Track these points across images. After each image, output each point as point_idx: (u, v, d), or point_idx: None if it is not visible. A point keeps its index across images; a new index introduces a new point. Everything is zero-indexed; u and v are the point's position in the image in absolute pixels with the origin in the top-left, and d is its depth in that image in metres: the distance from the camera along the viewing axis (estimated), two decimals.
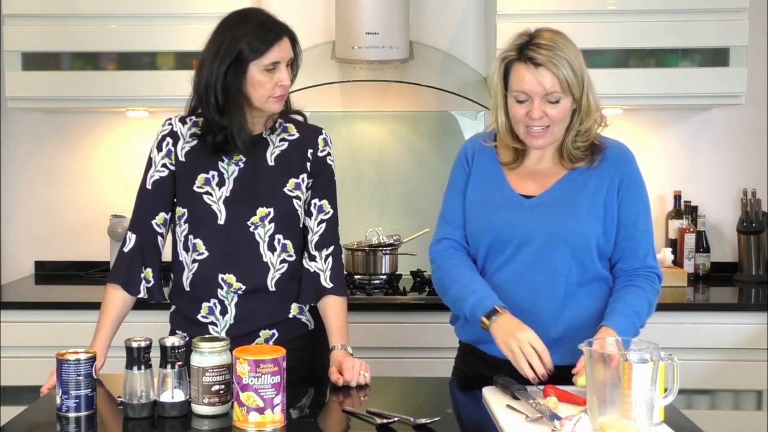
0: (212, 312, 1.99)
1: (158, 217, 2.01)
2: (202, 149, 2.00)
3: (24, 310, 2.93)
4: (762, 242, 3.36)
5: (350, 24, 3.11)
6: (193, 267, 1.99)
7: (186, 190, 1.99)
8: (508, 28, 3.09)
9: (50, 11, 3.12)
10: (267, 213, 1.99)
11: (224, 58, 1.93)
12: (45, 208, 3.52)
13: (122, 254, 2.02)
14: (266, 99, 1.97)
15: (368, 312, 2.89)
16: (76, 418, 1.63)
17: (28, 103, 3.23)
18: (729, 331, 2.89)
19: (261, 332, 2.01)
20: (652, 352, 1.44)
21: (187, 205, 1.99)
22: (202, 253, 1.98)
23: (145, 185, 2.02)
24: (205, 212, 1.98)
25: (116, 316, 1.99)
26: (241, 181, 2.00)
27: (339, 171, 3.50)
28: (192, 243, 1.99)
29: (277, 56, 1.95)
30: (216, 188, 1.98)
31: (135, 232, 2.02)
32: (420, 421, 1.60)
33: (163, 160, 2.01)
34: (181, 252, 2.02)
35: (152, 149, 2.04)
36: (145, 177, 2.03)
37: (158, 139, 2.03)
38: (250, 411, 1.54)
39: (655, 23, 3.10)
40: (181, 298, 2.03)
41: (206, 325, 2.00)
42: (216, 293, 1.98)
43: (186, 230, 2.00)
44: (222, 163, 2.00)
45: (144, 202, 2.03)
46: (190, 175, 2.00)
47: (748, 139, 3.50)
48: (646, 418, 1.43)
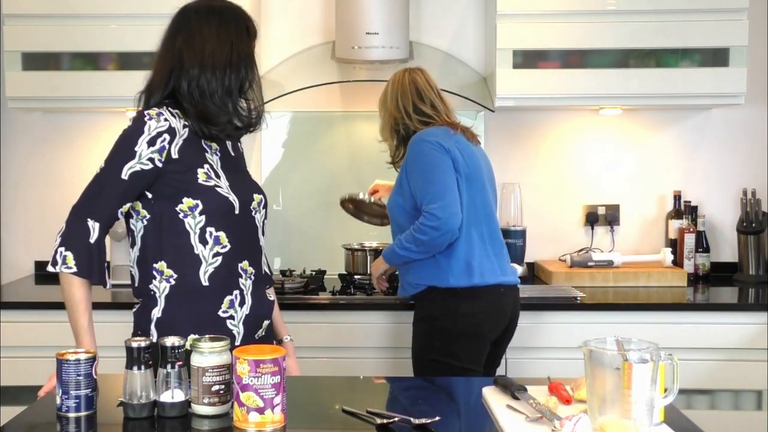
0: (232, 305, 1.97)
1: (124, 207, 1.94)
2: (192, 143, 1.96)
3: (24, 310, 2.93)
4: (762, 242, 3.36)
5: (350, 24, 3.12)
6: (215, 261, 1.94)
7: (189, 183, 1.92)
8: (508, 28, 3.13)
9: (50, 11, 3.12)
10: (261, 200, 2.05)
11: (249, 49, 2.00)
12: (45, 208, 3.53)
13: (89, 245, 1.90)
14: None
15: (368, 312, 2.89)
16: (76, 418, 1.63)
17: (28, 103, 3.24)
18: (729, 331, 2.89)
19: (264, 323, 2.05)
20: (652, 352, 1.44)
21: (198, 197, 1.92)
22: (225, 245, 1.95)
23: (119, 174, 1.90)
24: (223, 204, 1.94)
25: (91, 312, 1.94)
26: (227, 170, 2.00)
27: (339, 171, 3.53)
28: (214, 236, 1.93)
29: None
30: (217, 179, 1.96)
31: (99, 221, 1.91)
32: (420, 421, 1.60)
33: (151, 155, 1.90)
34: (197, 245, 1.93)
35: (138, 142, 1.90)
36: (119, 166, 1.90)
37: (151, 134, 1.90)
38: (250, 411, 1.54)
39: (655, 23, 3.10)
40: (197, 294, 1.94)
41: (225, 320, 1.95)
42: (237, 283, 1.97)
43: (203, 222, 1.92)
44: (207, 155, 1.98)
45: (114, 191, 1.91)
46: (188, 169, 1.93)
47: (748, 139, 3.50)
48: (646, 418, 1.43)
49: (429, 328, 2.55)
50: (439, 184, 2.49)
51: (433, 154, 2.51)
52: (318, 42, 3.41)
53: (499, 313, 2.56)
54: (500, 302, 2.56)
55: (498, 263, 2.57)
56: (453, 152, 2.52)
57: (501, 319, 2.57)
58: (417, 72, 2.69)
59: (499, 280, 2.55)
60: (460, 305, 2.51)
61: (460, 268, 2.51)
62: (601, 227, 3.51)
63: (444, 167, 2.50)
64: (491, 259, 2.56)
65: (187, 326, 1.90)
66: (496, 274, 2.55)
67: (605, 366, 1.44)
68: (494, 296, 2.54)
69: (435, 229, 2.45)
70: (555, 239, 3.51)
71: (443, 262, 2.52)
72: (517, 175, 3.45)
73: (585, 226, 3.52)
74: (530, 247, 3.39)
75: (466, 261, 2.52)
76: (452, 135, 2.57)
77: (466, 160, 2.55)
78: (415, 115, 2.62)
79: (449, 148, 2.52)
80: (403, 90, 2.65)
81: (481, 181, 2.59)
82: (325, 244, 3.37)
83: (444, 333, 2.51)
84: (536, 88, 3.14)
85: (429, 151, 2.52)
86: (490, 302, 2.54)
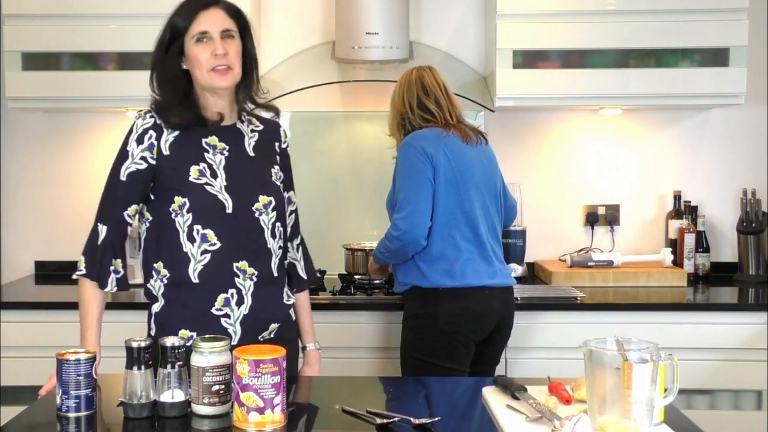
0: (228, 304, 1.96)
1: (130, 209, 1.98)
2: (186, 141, 1.97)
3: (24, 310, 2.93)
4: (762, 242, 3.36)
5: (350, 24, 3.12)
6: (203, 258, 1.95)
7: (180, 182, 1.95)
8: (508, 28, 3.13)
9: (50, 11, 3.12)
10: (269, 201, 2.01)
11: (162, 39, 1.99)
12: (45, 208, 3.53)
13: (95, 247, 1.97)
14: (206, 73, 1.96)
15: (368, 312, 2.89)
16: (76, 418, 1.63)
17: (28, 103, 3.23)
18: (729, 331, 2.89)
19: (270, 325, 2.03)
20: (652, 352, 1.44)
21: (186, 195, 1.94)
22: (214, 243, 1.95)
23: (119, 176, 1.97)
24: (211, 202, 1.94)
25: (100, 312, 1.97)
26: (232, 170, 1.99)
27: (339, 171, 3.53)
28: (201, 234, 1.94)
29: (204, 25, 1.96)
30: (212, 179, 1.96)
31: (106, 224, 1.97)
32: (420, 421, 1.60)
33: (143, 153, 1.95)
34: (185, 243, 1.95)
35: (128, 141, 1.97)
36: (118, 168, 1.97)
37: (138, 132, 1.97)
38: (250, 411, 1.54)
39: (655, 23, 3.10)
40: (188, 291, 1.96)
41: (219, 318, 1.95)
42: (233, 282, 1.96)
43: (190, 220, 1.94)
44: (208, 155, 1.98)
45: (116, 194, 1.98)
46: (180, 166, 1.95)
47: (748, 139, 3.50)
48: (646, 418, 1.43)
49: (412, 326, 2.60)
50: (409, 193, 2.55)
51: (411, 161, 2.56)
52: (318, 42, 3.41)
53: (482, 314, 2.56)
54: (484, 304, 2.56)
55: (485, 265, 2.58)
56: (436, 157, 2.55)
57: (485, 321, 2.57)
58: (426, 69, 2.71)
59: (484, 282, 2.55)
60: (441, 306, 2.54)
61: (440, 270, 2.55)
62: (601, 227, 3.51)
63: (419, 176, 2.55)
64: (476, 261, 2.56)
65: (180, 323, 1.95)
66: (481, 277, 2.55)
67: (605, 366, 1.44)
68: (478, 298, 2.55)
69: (397, 239, 2.55)
70: (555, 239, 3.51)
71: (423, 264, 2.57)
72: (517, 175, 3.45)
73: (585, 226, 3.52)
74: (530, 247, 3.39)
75: (446, 263, 2.55)
76: (443, 137, 2.59)
77: (452, 164, 2.56)
78: (418, 110, 2.65)
79: (432, 154, 2.55)
80: (409, 86, 2.69)
81: (471, 183, 2.59)
82: (325, 244, 3.37)
83: (425, 332, 2.56)
84: (536, 88, 3.14)
85: (410, 157, 2.57)
86: (472, 303, 2.54)
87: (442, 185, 2.55)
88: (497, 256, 2.65)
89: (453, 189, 2.56)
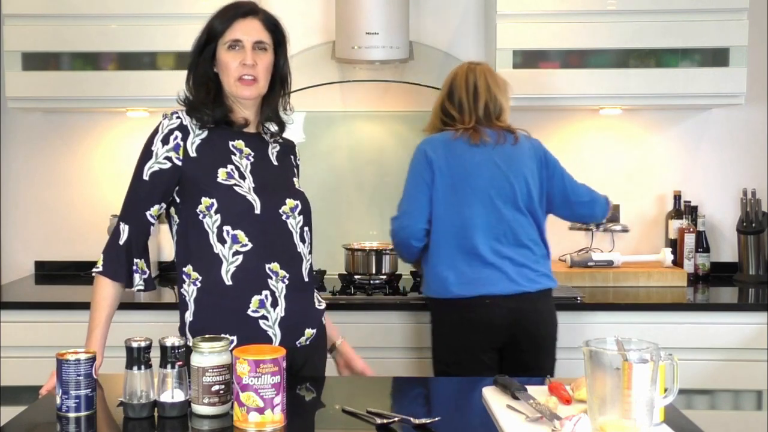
0: (263, 305, 1.93)
1: (153, 209, 1.97)
2: (213, 143, 1.97)
3: (24, 310, 2.93)
4: (762, 242, 3.36)
5: (350, 24, 3.12)
6: (236, 259, 1.92)
7: (207, 183, 1.93)
8: (508, 28, 3.13)
9: (50, 11, 3.12)
10: (295, 205, 2.01)
11: (199, 40, 2.00)
12: (45, 208, 3.53)
13: (117, 246, 1.97)
14: (232, 81, 1.97)
15: (368, 312, 2.90)
16: (76, 418, 1.63)
17: (28, 103, 3.24)
18: (729, 331, 2.89)
19: (306, 330, 2.00)
20: (652, 352, 1.44)
21: (214, 195, 1.92)
22: (245, 244, 1.92)
23: (142, 176, 1.95)
24: (241, 203, 1.93)
25: (110, 312, 1.96)
26: (258, 174, 1.99)
27: (339, 171, 3.53)
28: (231, 234, 1.92)
29: (238, 34, 1.96)
30: (240, 180, 1.95)
31: (128, 223, 1.97)
32: (420, 421, 1.60)
33: (168, 153, 1.94)
34: (216, 245, 1.92)
35: (154, 141, 1.97)
36: (141, 168, 1.96)
37: (163, 132, 1.96)
38: (250, 411, 1.54)
39: (655, 23, 3.10)
40: (223, 294, 1.92)
41: (257, 319, 1.92)
42: (267, 284, 1.93)
43: (219, 221, 1.92)
44: (235, 157, 1.98)
45: (139, 193, 1.96)
46: (208, 169, 1.94)
47: (748, 139, 3.50)
48: (646, 418, 1.43)
49: (431, 331, 2.67)
50: (405, 196, 2.61)
51: (414, 164, 2.60)
52: (318, 42, 3.41)
53: (481, 323, 2.51)
54: (485, 313, 2.51)
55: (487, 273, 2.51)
56: (437, 162, 2.54)
57: (489, 330, 2.52)
58: (463, 68, 2.70)
59: (481, 292, 2.51)
60: (441, 315, 2.60)
61: (434, 280, 2.57)
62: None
63: (417, 179, 2.57)
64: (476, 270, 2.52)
65: (218, 327, 1.90)
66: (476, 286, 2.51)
67: (605, 366, 1.44)
68: (478, 308, 2.51)
69: (392, 238, 2.65)
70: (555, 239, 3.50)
71: (426, 272, 2.62)
72: None
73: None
74: None
75: (437, 273, 2.55)
76: (449, 142, 2.58)
77: (453, 168, 2.54)
78: (441, 114, 2.68)
79: (434, 159, 2.55)
80: (443, 87, 2.72)
81: (471, 188, 2.54)
82: (325, 244, 3.37)
83: (435, 339, 2.64)
84: (536, 88, 3.14)
85: (414, 160, 2.61)
86: (474, 313, 2.51)
87: (440, 190, 2.54)
88: (513, 261, 2.54)
89: (451, 193, 2.54)
